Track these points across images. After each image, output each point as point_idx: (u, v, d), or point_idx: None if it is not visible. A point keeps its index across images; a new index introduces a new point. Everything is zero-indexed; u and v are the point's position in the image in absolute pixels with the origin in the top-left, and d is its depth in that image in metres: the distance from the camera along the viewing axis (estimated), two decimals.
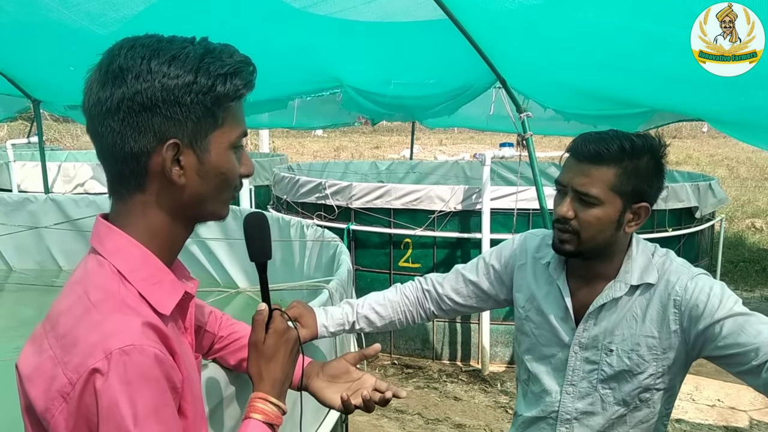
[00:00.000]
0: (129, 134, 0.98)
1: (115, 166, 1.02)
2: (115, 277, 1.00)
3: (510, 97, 3.81)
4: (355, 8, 3.28)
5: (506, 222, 5.40)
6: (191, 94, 0.98)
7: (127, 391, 0.90)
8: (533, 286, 1.79)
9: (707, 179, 6.61)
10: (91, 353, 0.91)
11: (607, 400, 1.69)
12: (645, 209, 1.61)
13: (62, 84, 5.01)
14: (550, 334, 1.76)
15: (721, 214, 7.50)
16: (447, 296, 1.92)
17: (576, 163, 1.60)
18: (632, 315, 1.64)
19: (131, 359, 0.91)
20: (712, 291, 1.56)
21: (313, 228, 3.96)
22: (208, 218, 1.10)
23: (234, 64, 1.02)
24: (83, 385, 0.90)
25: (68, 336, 0.95)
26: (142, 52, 0.98)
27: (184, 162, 1.01)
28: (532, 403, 1.84)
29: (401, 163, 10.14)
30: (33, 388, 0.95)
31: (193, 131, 1.01)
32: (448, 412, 4.71)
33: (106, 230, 1.04)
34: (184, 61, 0.98)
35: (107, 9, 3.42)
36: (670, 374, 1.65)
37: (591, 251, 1.63)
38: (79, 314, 0.96)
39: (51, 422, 0.93)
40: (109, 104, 0.98)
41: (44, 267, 5.30)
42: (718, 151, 23.00)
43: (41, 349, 0.97)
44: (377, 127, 26.05)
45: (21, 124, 17.72)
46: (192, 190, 1.04)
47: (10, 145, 7.67)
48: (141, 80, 0.97)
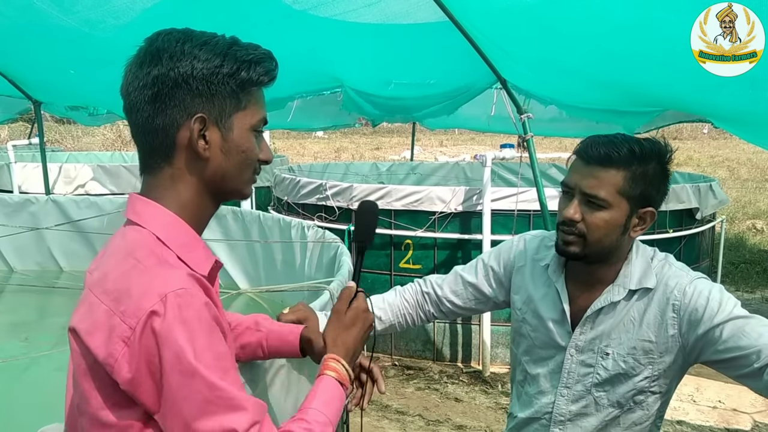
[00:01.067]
0: (161, 108, 1.09)
1: (146, 140, 1.12)
2: (155, 241, 1.08)
3: (511, 98, 3.81)
4: (356, 11, 3.28)
5: (507, 223, 5.40)
6: (218, 76, 1.09)
7: (185, 329, 0.98)
8: (531, 287, 1.79)
9: (708, 180, 6.61)
10: (147, 298, 0.99)
11: (600, 402, 1.69)
12: (651, 214, 1.60)
13: (63, 85, 5.02)
14: (546, 337, 1.75)
15: (721, 215, 7.49)
16: (446, 298, 1.91)
17: (584, 166, 1.59)
18: (630, 319, 1.64)
19: (185, 301, 1.00)
20: (711, 294, 1.55)
21: (314, 229, 3.97)
22: (231, 195, 1.18)
23: (258, 54, 1.13)
24: (142, 327, 0.98)
25: (119, 289, 1.02)
26: (177, 36, 1.10)
27: (210, 137, 1.11)
28: (526, 404, 1.83)
29: (402, 165, 10.14)
30: (93, 340, 1.01)
31: (219, 109, 1.11)
32: (449, 413, 4.71)
33: (141, 203, 1.13)
34: (214, 47, 1.10)
35: (107, 15, 3.44)
36: (665, 378, 1.65)
37: (596, 255, 1.62)
38: (126, 269, 1.04)
39: (114, 366, 0.99)
40: (145, 80, 1.08)
41: (45, 268, 5.31)
42: (718, 152, 22.99)
43: (92, 307, 1.04)
44: (378, 129, 26.04)
45: (22, 126, 17.76)
46: (215, 165, 1.13)
47: (11, 146, 7.66)
48: (175, 59, 1.08)
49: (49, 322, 4.60)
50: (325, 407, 1.20)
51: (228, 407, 1.00)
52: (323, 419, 1.17)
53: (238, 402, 1.01)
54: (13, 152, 7.57)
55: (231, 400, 1.00)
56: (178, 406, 0.98)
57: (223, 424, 0.99)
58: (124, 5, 3.30)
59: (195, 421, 0.98)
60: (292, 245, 4.15)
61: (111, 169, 8.18)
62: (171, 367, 0.98)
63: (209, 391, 0.99)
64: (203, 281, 1.07)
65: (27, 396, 3.26)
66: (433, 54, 3.83)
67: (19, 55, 4.39)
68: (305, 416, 1.16)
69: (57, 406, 1.14)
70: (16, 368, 3.50)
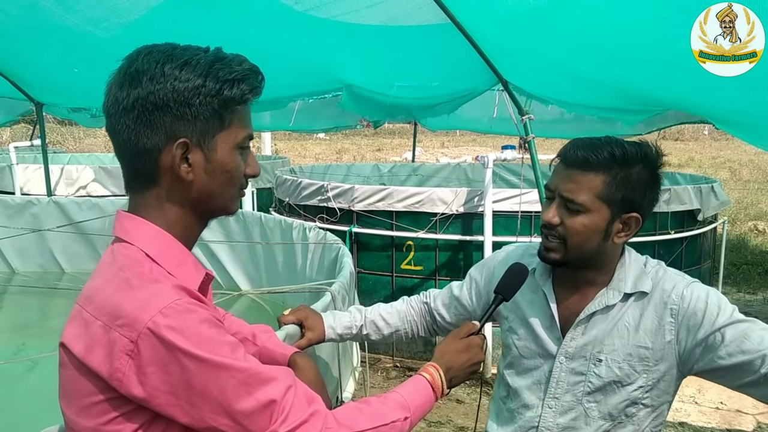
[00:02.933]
0: (142, 131, 1.07)
1: (130, 162, 1.11)
2: (144, 258, 1.08)
3: (512, 100, 3.81)
4: (358, 12, 3.28)
5: (508, 225, 5.40)
6: (200, 97, 1.07)
7: (192, 333, 1.00)
8: (517, 294, 1.68)
9: (709, 181, 6.60)
10: (145, 310, 0.99)
11: (591, 414, 1.61)
12: (636, 220, 1.54)
13: (65, 87, 5.01)
14: (534, 345, 1.68)
15: (723, 216, 7.47)
16: (437, 311, 1.91)
17: (564, 169, 1.56)
18: (624, 324, 1.57)
19: (183, 308, 1.01)
20: (709, 298, 1.51)
21: (315, 230, 3.97)
22: (218, 213, 1.18)
23: (242, 71, 1.10)
24: (145, 339, 0.98)
25: (113, 304, 1.02)
26: (157, 57, 1.07)
27: (192, 160, 1.10)
28: (507, 421, 1.76)
29: (403, 166, 10.14)
30: (93, 358, 1.01)
31: (201, 131, 1.09)
32: (450, 415, 4.70)
33: (129, 220, 1.13)
34: (195, 67, 1.07)
35: (110, 14, 3.43)
36: (658, 390, 1.58)
37: (577, 261, 1.57)
38: (118, 285, 1.04)
39: (123, 381, 0.99)
40: (125, 103, 1.07)
41: (47, 270, 5.32)
42: (720, 153, 22.98)
43: (86, 324, 1.03)
44: (379, 130, 26.05)
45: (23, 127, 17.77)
46: (200, 186, 1.12)
47: (12, 148, 7.67)
48: (155, 82, 1.06)
49: (50, 323, 4.61)
50: (408, 395, 1.28)
51: (260, 382, 1.05)
52: (401, 400, 1.26)
53: (267, 374, 1.06)
54: (15, 154, 7.58)
55: (260, 374, 1.05)
56: (213, 399, 1.01)
57: (260, 399, 1.04)
58: (127, 3, 3.30)
59: (234, 404, 1.02)
60: (294, 247, 4.16)
61: (113, 170, 8.19)
62: (192, 371, 0.99)
63: (239, 374, 1.02)
64: (195, 293, 1.08)
65: (28, 398, 3.27)
66: (435, 56, 3.82)
67: (22, 56, 4.38)
68: (385, 394, 1.26)
69: (58, 409, 1.13)
70: (18, 370, 3.50)
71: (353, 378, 2.69)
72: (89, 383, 1.02)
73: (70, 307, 1.11)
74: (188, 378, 0.99)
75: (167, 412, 1.01)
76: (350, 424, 1.15)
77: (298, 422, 1.07)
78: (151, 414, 1.03)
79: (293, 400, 1.08)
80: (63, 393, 1.09)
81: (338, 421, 1.14)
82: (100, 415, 1.02)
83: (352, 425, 1.15)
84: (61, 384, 1.09)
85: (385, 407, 1.23)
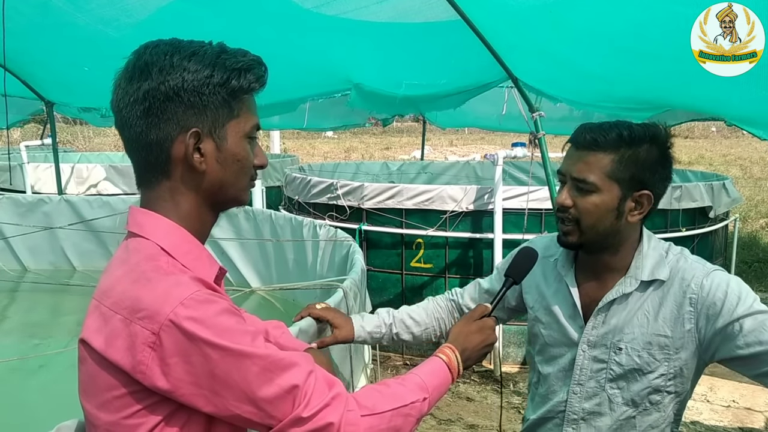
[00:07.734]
0: (153, 123, 1.08)
1: (141, 155, 1.11)
2: (159, 251, 1.09)
3: (522, 96, 3.80)
4: (367, 8, 3.28)
5: (518, 222, 5.38)
6: (209, 86, 1.08)
7: (213, 323, 1.00)
8: (542, 284, 1.78)
9: (721, 179, 6.56)
10: (166, 302, 1.00)
11: (615, 400, 1.65)
12: (647, 197, 1.57)
13: (76, 86, 5.05)
14: (558, 334, 1.73)
15: (735, 213, 7.43)
16: (466, 306, 1.94)
17: (575, 151, 1.60)
18: (644, 313, 1.60)
19: (203, 299, 1.01)
20: (729, 288, 1.51)
21: (325, 228, 3.97)
22: (230, 203, 1.19)
23: (247, 61, 1.11)
24: (168, 331, 0.99)
25: (131, 297, 1.02)
26: (165, 49, 1.09)
27: (204, 149, 1.11)
28: (539, 405, 1.82)
29: (412, 164, 10.13)
30: (114, 352, 1.02)
31: (212, 120, 1.10)
32: (461, 413, 4.70)
33: (143, 215, 1.13)
34: (202, 57, 1.09)
35: (120, 13, 3.46)
36: (681, 377, 1.61)
37: (593, 242, 1.60)
38: (134, 278, 1.04)
39: (147, 373, 1.00)
40: (136, 96, 1.08)
41: (58, 267, 5.35)
42: (731, 150, 22.85)
43: (105, 318, 1.04)
44: (387, 129, 26.07)
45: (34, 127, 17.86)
46: (212, 176, 1.13)
47: (23, 147, 7.72)
48: (164, 73, 1.07)
49: (62, 320, 4.64)
50: (425, 376, 1.30)
51: (282, 368, 1.06)
52: (419, 381, 1.27)
53: (288, 360, 1.07)
54: (26, 153, 7.63)
55: (281, 361, 1.06)
56: (236, 387, 1.02)
57: (282, 385, 1.05)
58: (138, 3, 3.32)
59: (257, 391, 1.03)
60: (304, 244, 4.16)
61: (123, 169, 8.23)
62: (215, 361, 1.00)
63: (261, 361, 1.03)
64: (212, 284, 1.08)
65: (42, 394, 3.29)
66: (445, 52, 3.82)
67: (33, 55, 4.42)
68: (403, 375, 1.28)
69: (72, 404, 1.14)
70: (31, 366, 3.53)
71: (365, 375, 2.70)
72: (111, 377, 1.03)
73: (82, 304, 1.12)
74: (211, 367, 1.00)
75: (191, 402, 1.02)
76: (371, 405, 1.16)
77: (321, 406, 1.08)
78: (173, 406, 1.04)
79: (315, 385, 1.09)
80: (83, 388, 1.09)
81: (359, 403, 1.15)
82: (122, 408, 1.03)
83: (372, 407, 1.16)
84: (81, 380, 1.09)
85: (404, 389, 1.25)
